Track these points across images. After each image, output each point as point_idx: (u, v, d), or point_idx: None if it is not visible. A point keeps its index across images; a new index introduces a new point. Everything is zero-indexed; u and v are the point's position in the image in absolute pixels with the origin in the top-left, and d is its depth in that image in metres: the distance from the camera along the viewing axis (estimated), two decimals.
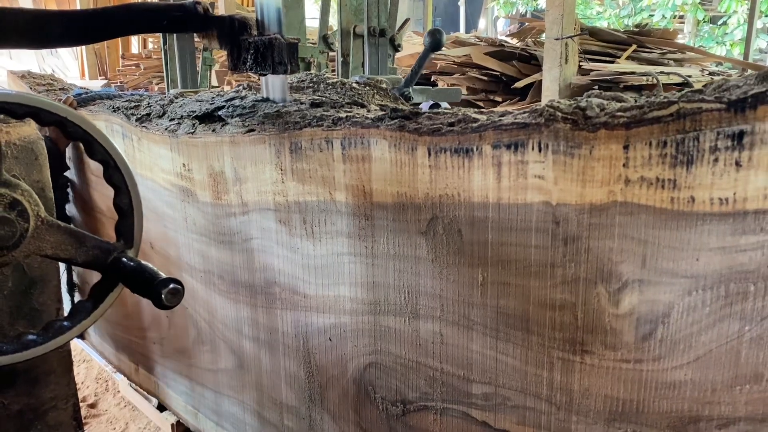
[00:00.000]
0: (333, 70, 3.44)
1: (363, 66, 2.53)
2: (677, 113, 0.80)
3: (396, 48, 2.61)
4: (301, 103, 1.52)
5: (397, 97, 2.06)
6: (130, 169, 1.04)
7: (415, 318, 1.22)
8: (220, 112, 1.59)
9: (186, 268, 1.83)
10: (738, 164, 0.76)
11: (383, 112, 1.25)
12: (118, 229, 1.06)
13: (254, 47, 1.49)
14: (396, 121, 1.17)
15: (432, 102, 2.65)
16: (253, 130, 1.46)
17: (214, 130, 1.57)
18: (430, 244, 1.15)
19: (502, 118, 1.02)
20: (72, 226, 1.03)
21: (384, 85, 2.05)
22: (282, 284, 1.51)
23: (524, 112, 0.99)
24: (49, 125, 0.98)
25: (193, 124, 1.65)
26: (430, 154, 1.11)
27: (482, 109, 1.19)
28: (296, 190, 1.39)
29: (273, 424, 1.68)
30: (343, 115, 1.31)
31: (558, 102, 0.95)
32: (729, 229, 0.79)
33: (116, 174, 1.03)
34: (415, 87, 2.31)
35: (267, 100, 1.60)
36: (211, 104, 1.66)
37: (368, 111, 1.39)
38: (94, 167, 2.20)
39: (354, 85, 1.92)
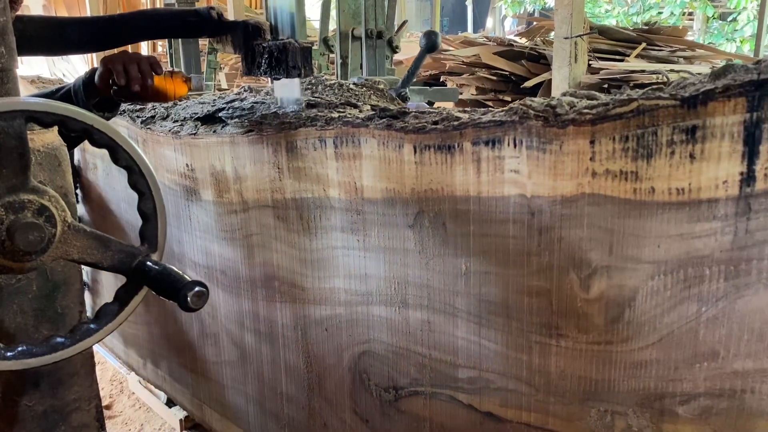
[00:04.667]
0: (333, 72, 3.51)
1: (361, 67, 2.60)
2: (637, 110, 0.86)
3: (394, 50, 2.68)
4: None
5: (393, 97, 2.12)
6: (154, 175, 1.05)
7: (404, 307, 1.28)
8: (220, 114, 1.65)
9: (190, 264, 1.90)
10: (692, 156, 0.82)
11: (373, 112, 1.31)
12: (142, 233, 1.07)
13: (268, 51, 1.51)
14: (384, 120, 1.23)
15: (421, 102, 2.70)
16: (251, 131, 1.53)
17: (215, 131, 1.64)
18: (418, 237, 1.22)
19: (481, 116, 1.08)
20: (97, 230, 1.04)
21: (381, 86, 2.11)
22: (281, 278, 1.57)
23: (501, 111, 1.05)
24: (76, 133, 0.99)
25: (196, 126, 1.72)
26: (415, 151, 1.17)
27: (467, 109, 1.25)
28: (293, 187, 1.46)
29: (274, 414, 1.75)
30: (336, 115, 1.37)
31: (532, 100, 1.01)
32: (686, 217, 0.84)
33: (140, 180, 1.04)
34: (412, 87, 2.37)
35: (265, 102, 1.66)
36: (212, 106, 1.73)
37: (360, 111, 1.45)
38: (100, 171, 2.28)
39: (351, 86, 1.98)
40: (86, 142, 1.05)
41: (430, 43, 2.19)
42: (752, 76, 0.76)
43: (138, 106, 2.02)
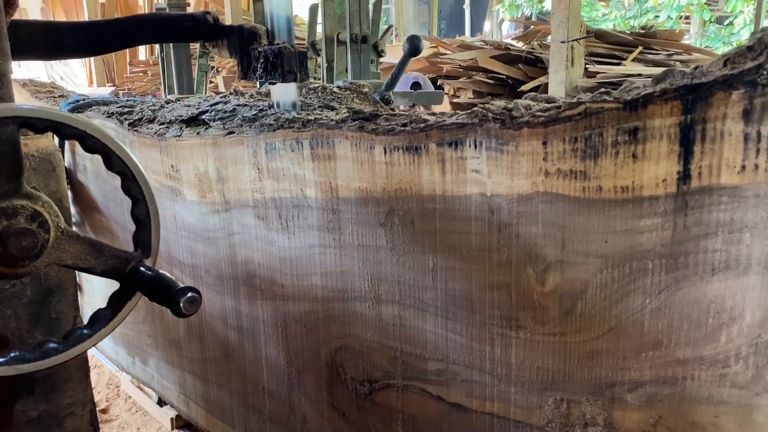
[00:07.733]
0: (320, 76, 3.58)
1: (347, 71, 2.66)
2: (585, 112, 0.91)
3: (379, 54, 2.73)
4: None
5: (376, 100, 2.17)
6: (147, 181, 1.05)
7: (377, 303, 1.33)
8: (204, 116, 1.70)
9: (176, 263, 1.95)
10: (635, 156, 0.87)
11: (347, 115, 1.36)
12: (135, 238, 1.07)
13: (264, 56, 1.53)
14: (357, 122, 1.28)
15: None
16: (232, 133, 1.58)
17: (198, 133, 1.69)
18: (389, 235, 1.26)
19: (445, 119, 1.13)
20: (91, 236, 1.05)
21: (365, 90, 2.16)
22: (261, 276, 1.62)
23: (464, 113, 1.10)
24: (70, 139, 0.99)
25: (180, 128, 1.77)
26: (386, 152, 1.22)
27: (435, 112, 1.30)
28: (272, 187, 1.51)
29: (256, 409, 1.79)
30: (312, 117, 1.42)
31: (492, 104, 1.06)
32: (630, 214, 0.89)
33: (134, 185, 1.04)
34: (396, 91, 2.43)
35: (247, 105, 1.71)
36: (197, 109, 1.78)
37: (336, 113, 1.50)
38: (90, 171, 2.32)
39: (335, 89, 2.03)
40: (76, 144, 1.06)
41: (413, 47, 2.25)
42: (686, 81, 0.81)
43: (126, 109, 2.07)
